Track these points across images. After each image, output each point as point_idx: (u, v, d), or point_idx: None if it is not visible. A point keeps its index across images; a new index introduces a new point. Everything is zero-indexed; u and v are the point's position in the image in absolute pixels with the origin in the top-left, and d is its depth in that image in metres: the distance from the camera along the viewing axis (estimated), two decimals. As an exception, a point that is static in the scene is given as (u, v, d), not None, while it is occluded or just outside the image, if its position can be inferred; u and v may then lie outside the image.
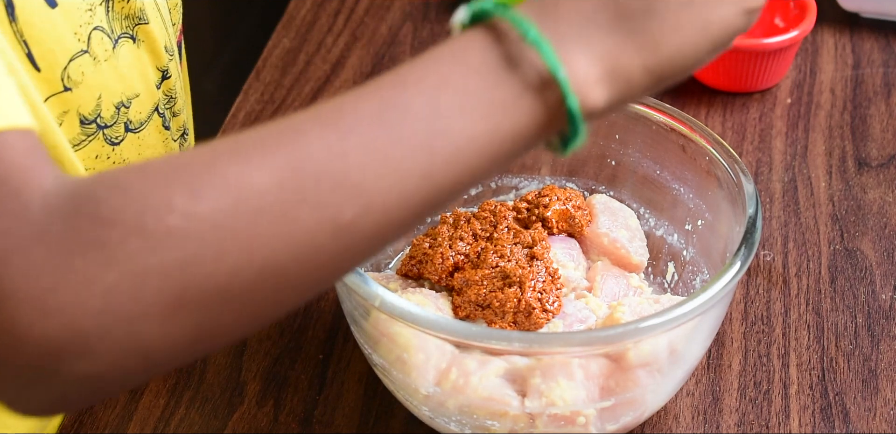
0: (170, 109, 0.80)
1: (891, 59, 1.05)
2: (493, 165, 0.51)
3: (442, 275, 0.75)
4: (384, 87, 0.50)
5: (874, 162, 0.95)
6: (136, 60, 0.74)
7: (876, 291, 0.84)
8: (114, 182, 0.47)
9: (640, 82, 0.52)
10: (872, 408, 0.77)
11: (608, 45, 0.51)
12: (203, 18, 1.64)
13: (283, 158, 0.47)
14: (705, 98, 1.02)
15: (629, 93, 0.53)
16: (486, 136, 0.50)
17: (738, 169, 0.73)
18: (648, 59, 0.52)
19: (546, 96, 0.50)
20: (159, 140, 0.79)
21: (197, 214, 0.45)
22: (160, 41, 0.76)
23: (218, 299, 0.46)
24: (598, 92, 0.51)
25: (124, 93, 0.73)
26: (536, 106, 0.50)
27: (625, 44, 0.52)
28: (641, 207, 0.83)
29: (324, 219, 0.47)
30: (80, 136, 0.70)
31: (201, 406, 0.78)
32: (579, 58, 0.51)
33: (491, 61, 0.50)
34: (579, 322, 0.74)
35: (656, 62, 0.52)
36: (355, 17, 1.13)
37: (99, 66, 0.69)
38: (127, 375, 0.47)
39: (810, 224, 0.90)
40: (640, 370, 0.67)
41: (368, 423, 0.77)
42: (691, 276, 0.79)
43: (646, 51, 0.52)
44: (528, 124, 0.51)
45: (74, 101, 0.68)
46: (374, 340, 0.70)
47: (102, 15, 0.70)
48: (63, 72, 0.67)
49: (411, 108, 0.49)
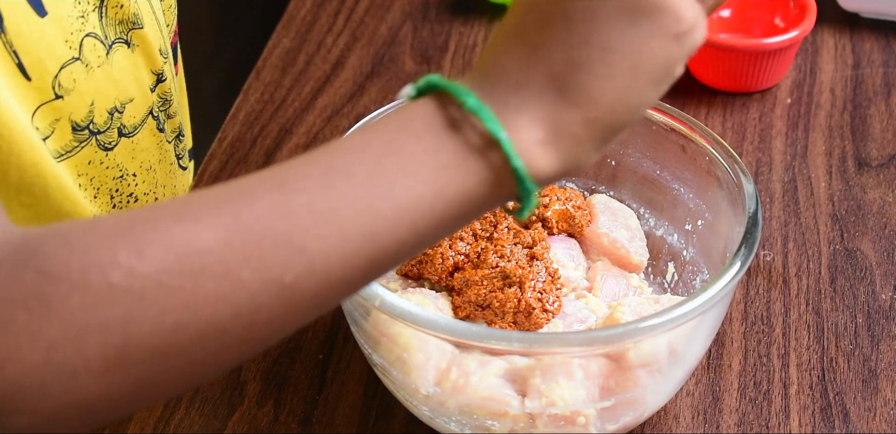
0: (164, 112, 0.80)
1: (891, 59, 1.05)
2: (441, 228, 0.51)
3: (442, 275, 0.75)
4: (329, 153, 0.51)
5: (874, 162, 0.95)
6: (131, 65, 0.74)
7: (876, 291, 0.84)
8: (61, 236, 0.47)
9: (588, 136, 0.52)
10: (872, 408, 0.77)
11: (545, 106, 0.51)
12: (203, 18, 1.64)
13: (228, 218, 0.48)
14: (705, 98, 1.02)
15: (580, 149, 0.52)
16: (431, 199, 0.50)
17: (738, 169, 0.73)
18: (588, 113, 0.51)
19: (490, 158, 0.50)
20: (153, 143, 0.79)
21: (141, 272, 0.46)
22: (155, 45, 0.76)
23: (159, 356, 0.47)
24: (545, 154, 0.51)
25: (118, 98, 0.73)
26: (482, 168, 0.50)
27: (560, 102, 0.51)
28: (641, 207, 0.83)
29: (266, 279, 0.47)
30: (73, 142, 0.70)
31: (201, 406, 0.78)
32: (521, 122, 0.51)
33: (435, 127, 0.51)
34: (579, 322, 0.74)
35: (597, 114, 0.51)
36: (355, 17, 1.13)
37: (92, 73, 0.69)
38: (66, 427, 0.47)
39: (810, 224, 0.90)
40: (640, 370, 0.67)
41: (368, 423, 0.77)
42: (691, 276, 0.79)
43: (582, 105, 0.51)
44: (475, 187, 0.51)
45: (66, 109, 0.68)
46: (374, 340, 0.70)
47: (95, 21, 0.70)
48: (54, 80, 0.67)
49: (354, 171, 0.50)
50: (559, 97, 0.51)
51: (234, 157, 0.98)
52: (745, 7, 1.04)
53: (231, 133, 1.00)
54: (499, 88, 0.51)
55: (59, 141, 0.69)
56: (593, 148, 0.52)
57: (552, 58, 0.51)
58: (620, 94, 0.51)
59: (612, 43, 0.50)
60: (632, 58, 0.51)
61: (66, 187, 0.70)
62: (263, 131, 1.00)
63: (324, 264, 0.48)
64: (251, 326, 0.48)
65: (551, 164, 0.51)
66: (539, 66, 0.51)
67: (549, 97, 0.51)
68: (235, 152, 0.98)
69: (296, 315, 0.50)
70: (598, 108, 0.51)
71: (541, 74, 0.51)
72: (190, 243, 0.47)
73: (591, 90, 0.51)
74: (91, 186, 0.72)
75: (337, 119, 1.01)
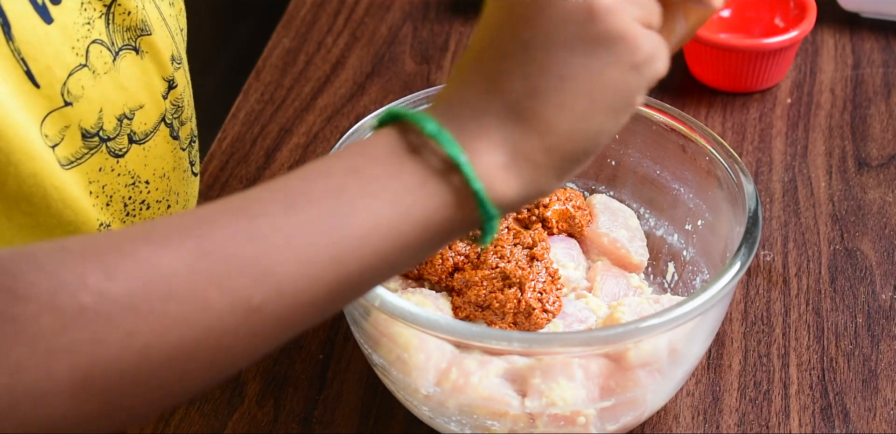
0: (178, 119, 0.80)
1: (891, 59, 1.05)
2: (407, 252, 0.51)
3: (442, 275, 0.75)
4: (292, 179, 0.51)
5: (874, 162, 0.95)
6: (140, 72, 0.74)
7: (876, 291, 0.84)
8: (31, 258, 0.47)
9: (547, 164, 0.52)
10: (872, 408, 0.77)
11: (504, 132, 0.51)
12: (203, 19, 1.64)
13: (194, 242, 0.48)
14: (705, 98, 1.02)
15: (539, 175, 0.52)
16: (395, 221, 0.50)
17: (738, 169, 0.73)
18: (546, 141, 0.51)
19: (452, 181, 0.51)
20: (167, 150, 0.79)
21: (109, 294, 0.46)
22: (165, 51, 0.76)
23: (127, 380, 0.47)
24: (506, 178, 0.51)
25: (126, 104, 0.73)
26: (443, 191, 0.51)
27: (517, 128, 0.51)
28: (641, 207, 0.83)
29: (233, 302, 0.48)
30: (83, 149, 0.70)
31: (201, 406, 0.78)
32: (481, 147, 0.51)
33: (396, 152, 0.51)
34: (579, 322, 0.74)
35: (555, 142, 0.51)
36: (355, 17, 1.13)
37: (99, 80, 0.69)
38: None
39: (810, 224, 0.90)
40: (641, 370, 0.67)
41: (368, 423, 0.77)
42: (691, 276, 0.79)
43: (541, 132, 0.51)
44: (438, 210, 0.51)
45: (76, 116, 0.68)
46: (374, 340, 0.70)
47: (102, 28, 0.70)
48: (63, 87, 0.67)
49: (317, 195, 0.50)
50: (517, 124, 0.51)
51: (234, 156, 0.98)
52: (745, 7, 1.04)
53: (231, 133, 1.00)
54: (459, 116, 0.52)
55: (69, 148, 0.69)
56: (553, 175, 0.52)
57: (510, 86, 0.51)
58: (577, 122, 0.51)
59: (569, 72, 0.51)
60: (588, 87, 0.51)
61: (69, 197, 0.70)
62: (263, 131, 1.00)
63: (291, 287, 0.49)
64: (218, 350, 0.48)
65: (512, 189, 0.52)
66: (497, 93, 0.52)
67: (507, 124, 0.51)
68: (235, 152, 0.98)
69: (263, 339, 0.50)
70: (555, 136, 0.51)
71: (499, 102, 0.52)
72: (158, 266, 0.47)
73: (548, 118, 0.51)
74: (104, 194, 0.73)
75: (337, 119, 1.01)
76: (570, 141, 0.52)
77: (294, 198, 0.50)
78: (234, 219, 0.49)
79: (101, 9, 0.70)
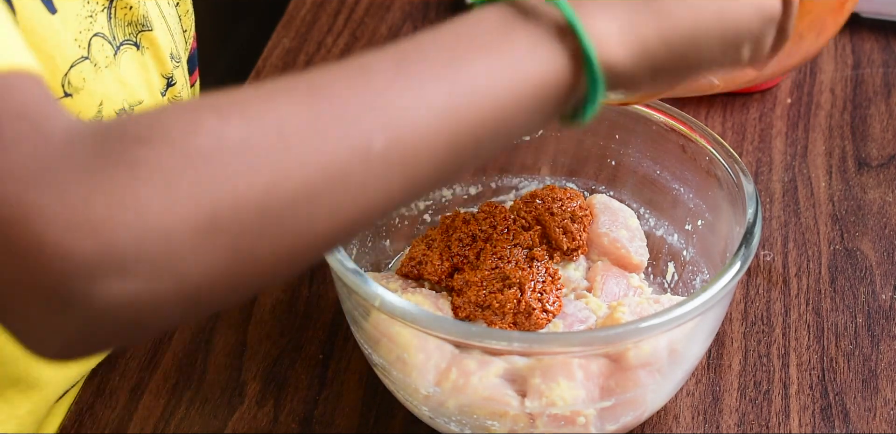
0: None
1: (891, 59, 1.05)
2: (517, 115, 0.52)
3: (441, 276, 0.75)
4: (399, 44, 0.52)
5: (874, 162, 0.95)
6: (140, 67, 0.74)
7: (876, 291, 0.84)
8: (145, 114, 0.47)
9: (656, 52, 0.53)
10: (872, 408, 0.77)
11: (626, 9, 0.53)
12: (203, 19, 1.64)
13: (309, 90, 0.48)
14: (705, 98, 1.01)
15: (646, 60, 0.54)
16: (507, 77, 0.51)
17: (738, 169, 0.73)
18: (664, 30, 0.53)
19: (564, 43, 0.52)
20: None
21: (227, 134, 0.46)
22: (165, 48, 0.76)
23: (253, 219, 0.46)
24: (618, 48, 0.53)
25: (126, 99, 0.73)
26: (555, 53, 0.52)
27: (641, 11, 0.53)
28: (641, 207, 0.83)
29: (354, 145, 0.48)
30: None
31: (201, 406, 0.78)
32: (598, 16, 0.53)
33: (506, 19, 0.52)
34: (579, 322, 0.74)
35: (672, 34, 0.53)
36: (355, 17, 1.13)
37: (100, 73, 0.69)
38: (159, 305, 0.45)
39: (810, 224, 0.90)
40: (640, 370, 0.67)
41: (368, 423, 0.77)
42: (691, 276, 0.79)
43: (661, 20, 0.53)
44: (548, 72, 0.52)
45: (75, 108, 0.68)
46: (374, 340, 0.70)
47: (104, 21, 0.70)
48: (64, 78, 0.67)
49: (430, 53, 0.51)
50: (643, 6, 0.53)
51: (234, 157, 0.98)
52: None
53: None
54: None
55: None
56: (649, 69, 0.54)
57: None
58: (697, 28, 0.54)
59: None
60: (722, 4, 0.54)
61: None
62: (263, 131, 1.00)
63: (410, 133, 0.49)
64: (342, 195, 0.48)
65: (621, 58, 0.53)
66: None
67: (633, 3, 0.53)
68: (235, 152, 0.98)
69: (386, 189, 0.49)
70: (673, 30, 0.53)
71: None
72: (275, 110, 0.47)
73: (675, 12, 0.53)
74: None
75: (337, 119, 1.01)
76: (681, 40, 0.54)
77: (407, 54, 0.51)
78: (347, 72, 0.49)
79: (104, 2, 0.70)
